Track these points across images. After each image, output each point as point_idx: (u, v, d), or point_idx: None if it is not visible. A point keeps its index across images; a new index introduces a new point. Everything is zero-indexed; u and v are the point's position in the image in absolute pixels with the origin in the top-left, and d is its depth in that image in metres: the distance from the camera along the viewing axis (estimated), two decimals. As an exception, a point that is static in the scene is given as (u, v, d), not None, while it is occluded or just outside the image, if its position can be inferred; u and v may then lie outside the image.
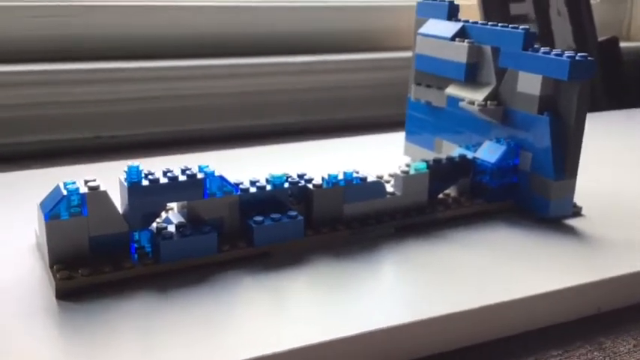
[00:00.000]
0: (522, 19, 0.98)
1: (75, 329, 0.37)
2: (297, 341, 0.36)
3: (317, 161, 0.65)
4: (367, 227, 0.49)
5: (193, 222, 0.44)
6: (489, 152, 0.55)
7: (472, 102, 0.56)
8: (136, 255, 0.43)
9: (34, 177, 0.61)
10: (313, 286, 0.43)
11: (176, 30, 0.85)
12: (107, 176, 0.44)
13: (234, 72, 0.85)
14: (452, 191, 0.55)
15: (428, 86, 0.63)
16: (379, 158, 0.67)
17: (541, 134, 0.52)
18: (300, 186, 0.48)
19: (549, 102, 0.52)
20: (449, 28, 0.60)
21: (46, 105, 0.76)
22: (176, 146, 0.78)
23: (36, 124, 0.76)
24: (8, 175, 0.62)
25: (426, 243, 0.49)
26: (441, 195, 0.55)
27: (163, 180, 0.43)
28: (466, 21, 0.59)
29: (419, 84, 0.64)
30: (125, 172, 0.42)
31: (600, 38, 1.07)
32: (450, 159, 0.55)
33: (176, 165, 0.45)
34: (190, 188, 0.44)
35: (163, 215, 0.46)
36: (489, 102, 0.55)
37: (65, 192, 0.41)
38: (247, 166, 0.60)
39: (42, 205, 0.42)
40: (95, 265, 0.41)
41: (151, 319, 0.38)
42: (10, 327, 0.37)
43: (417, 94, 0.65)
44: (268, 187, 0.47)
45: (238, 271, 0.44)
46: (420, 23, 0.64)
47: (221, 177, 0.45)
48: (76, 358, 0.35)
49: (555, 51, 0.51)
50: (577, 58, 0.50)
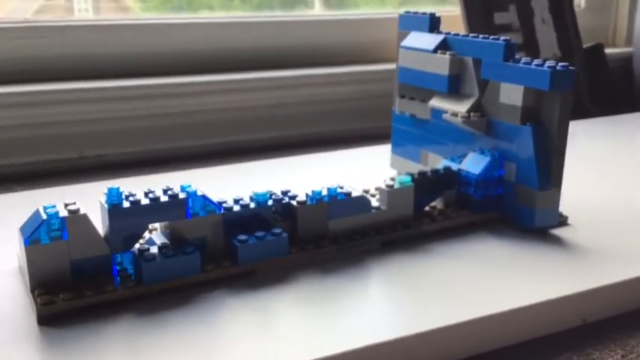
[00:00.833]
0: (507, 29, 0.99)
1: (57, 355, 0.37)
2: (282, 361, 0.36)
3: (302, 177, 0.64)
4: (353, 242, 0.49)
5: (176, 242, 0.44)
6: (474, 164, 0.55)
7: (455, 114, 0.56)
8: (119, 278, 0.42)
9: (17, 199, 0.60)
10: (299, 304, 0.42)
11: (159, 48, 0.85)
12: (91, 197, 0.44)
13: (217, 88, 0.85)
14: (438, 204, 0.55)
15: (412, 99, 0.63)
16: (366, 171, 0.67)
17: (524, 145, 0.52)
18: (284, 203, 0.48)
19: (532, 112, 0.52)
20: (431, 41, 0.60)
21: (30, 126, 0.76)
22: (161, 164, 0.78)
23: (19, 146, 0.75)
24: (-9, 198, 0.61)
25: (413, 257, 0.49)
26: (427, 208, 0.54)
27: (145, 201, 0.43)
28: (448, 33, 0.59)
29: (403, 96, 0.64)
30: (105, 195, 0.42)
31: (585, 45, 1.07)
32: (435, 171, 0.55)
33: (159, 184, 0.45)
34: (172, 208, 0.43)
35: (146, 236, 0.46)
36: (472, 113, 0.55)
37: (45, 216, 0.40)
38: (231, 184, 0.59)
39: (22, 230, 0.41)
40: (77, 289, 0.41)
41: (135, 343, 0.38)
42: (-9, 355, 0.37)
43: (402, 107, 0.65)
44: (252, 205, 0.47)
45: (223, 291, 0.43)
46: (403, 36, 0.64)
47: (204, 196, 0.44)
48: (58, 385, 0.34)
49: (536, 61, 0.51)
50: (558, 68, 0.50)
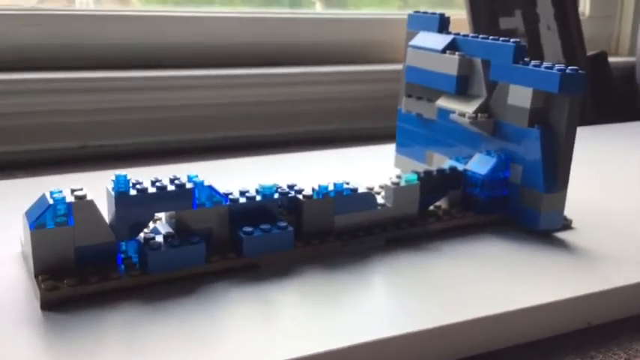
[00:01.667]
0: (512, 34, 0.99)
1: (60, 340, 0.36)
2: (286, 354, 0.36)
3: (307, 172, 0.64)
4: (357, 239, 0.49)
5: (182, 232, 0.44)
6: (480, 164, 0.55)
7: (463, 114, 0.56)
8: (123, 266, 0.42)
9: (19, 186, 0.60)
10: (303, 298, 0.42)
11: (165, 40, 0.85)
12: (95, 186, 0.44)
13: (224, 82, 0.85)
14: (442, 203, 0.55)
15: (418, 98, 0.63)
16: (369, 170, 0.66)
17: (531, 147, 0.52)
18: (290, 197, 0.48)
19: (540, 115, 0.52)
20: (440, 41, 0.60)
21: (33, 114, 0.75)
22: (165, 156, 0.77)
23: (22, 134, 0.75)
24: (-7, 184, 0.61)
25: (417, 255, 0.49)
26: (432, 207, 0.54)
27: (151, 190, 0.42)
28: (457, 34, 0.59)
29: (409, 96, 0.64)
30: (112, 182, 0.42)
31: (589, 53, 1.07)
32: (441, 171, 0.55)
33: (165, 175, 0.44)
34: (179, 198, 0.43)
35: (151, 225, 0.46)
36: (480, 114, 0.55)
37: (51, 201, 0.40)
38: (237, 177, 0.59)
39: (27, 214, 0.41)
40: (81, 276, 0.40)
41: (138, 331, 0.38)
42: (-7, 338, 0.36)
43: (408, 106, 0.64)
44: (258, 198, 0.47)
45: (227, 283, 0.43)
46: (411, 36, 0.64)
47: (210, 187, 0.44)
48: (61, 371, 0.34)
49: (546, 64, 0.51)
50: (567, 72, 0.50)
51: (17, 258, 0.45)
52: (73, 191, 0.41)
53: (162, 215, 0.46)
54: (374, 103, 0.94)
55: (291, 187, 0.49)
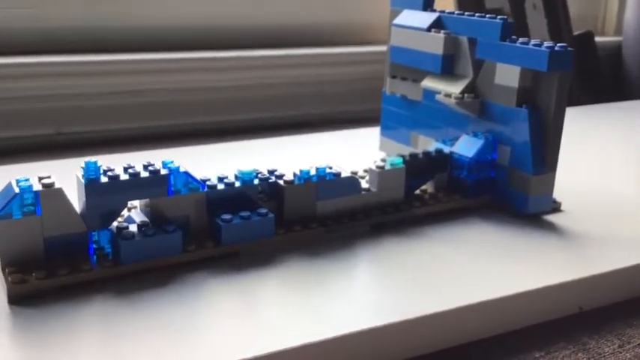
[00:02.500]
0: (497, 13, 0.97)
1: (29, 336, 0.35)
2: (268, 347, 0.34)
3: (288, 157, 0.62)
4: (341, 225, 0.47)
5: (157, 221, 0.42)
6: (467, 146, 0.53)
7: (449, 95, 0.54)
8: (95, 257, 0.40)
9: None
10: (285, 288, 0.41)
11: (143, 22, 0.82)
12: (67, 174, 0.42)
13: (201, 66, 0.83)
14: (429, 187, 0.54)
15: (403, 79, 0.61)
16: (353, 154, 0.65)
17: (520, 127, 0.50)
18: (270, 182, 0.46)
19: (528, 94, 0.51)
20: (424, 19, 0.58)
21: (6, 100, 0.73)
22: (142, 142, 0.75)
23: (-5, 120, 0.72)
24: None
25: (403, 241, 0.47)
26: (418, 191, 0.53)
27: (124, 176, 0.40)
28: (442, 11, 0.58)
29: (394, 77, 0.62)
30: (82, 169, 0.40)
31: (575, 32, 1.06)
32: (427, 154, 0.53)
33: (139, 161, 0.42)
34: (153, 185, 0.41)
35: (125, 214, 0.44)
36: (466, 95, 0.54)
37: (17, 190, 0.38)
38: (215, 163, 0.57)
39: (-7, 204, 0.39)
40: (51, 268, 0.38)
41: (112, 325, 0.36)
42: (-44, 336, 0.34)
43: (392, 88, 0.63)
44: (237, 184, 0.45)
45: (205, 273, 0.41)
46: (395, 14, 0.62)
47: (186, 173, 0.42)
48: (28, 369, 0.32)
49: (534, 41, 0.50)
50: (556, 49, 0.48)
51: (-15, 250, 0.43)
52: (41, 179, 0.39)
53: (136, 203, 0.44)
54: (357, 86, 0.92)
55: (271, 173, 0.47)
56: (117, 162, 0.43)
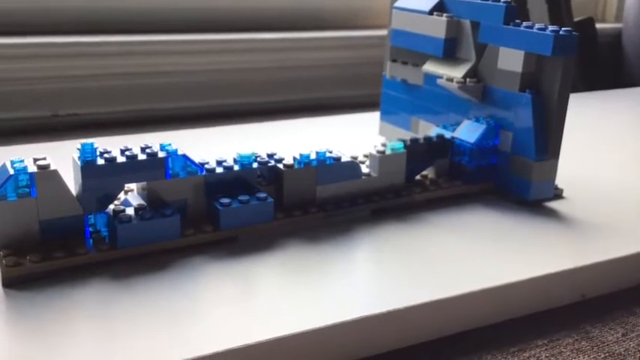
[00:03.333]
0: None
1: (24, 319, 0.34)
2: (267, 333, 0.34)
3: (288, 141, 0.62)
4: (341, 210, 0.47)
5: (154, 204, 0.41)
6: (468, 132, 0.52)
7: (450, 79, 0.54)
8: (91, 240, 0.40)
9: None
10: (284, 273, 0.40)
11: (140, 4, 0.81)
12: (64, 156, 0.41)
13: (201, 48, 0.82)
14: (429, 172, 0.53)
15: (404, 63, 0.61)
16: (353, 138, 0.64)
17: (523, 113, 0.50)
18: (270, 166, 0.46)
19: (531, 79, 0.50)
20: (426, 2, 0.57)
21: (1, 81, 0.72)
22: (140, 125, 0.74)
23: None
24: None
25: (403, 226, 0.47)
26: (418, 176, 0.52)
27: (121, 159, 0.40)
28: (445, -6, 0.57)
29: (394, 61, 0.62)
30: (78, 150, 0.39)
31: (576, 19, 1.05)
32: (428, 139, 0.52)
33: (137, 144, 0.42)
34: (151, 168, 0.40)
35: (122, 197, 0.43)
36: (469, 79, 0.53)
37: (12, 171, 0.37)
38: (214, 146, 0.56)
39: (-13, 186, 0.38)
40: (46, 251, 0.38)
41: (108, 310, 0.35)
42: (-50, 319, 0.34)
43: (393, 72, 0.62)
44: (236, 167, 0.44)
45: (203, 257, 0.41)
46: (396, -3, 0.61)
47: (184, 156, 0.42)
48: (25, 351, 0.32)
49: (538, 25, 0.49)
50: (561, 33, 0.47)
51: (-21, 233, 0.42)
52: (36, 160, 0.38)
53: (133, 186, 0.44)
54: (357, 70, 0.91)
55: (270, 156, 0.46)
56: (114, 144, 0.42)
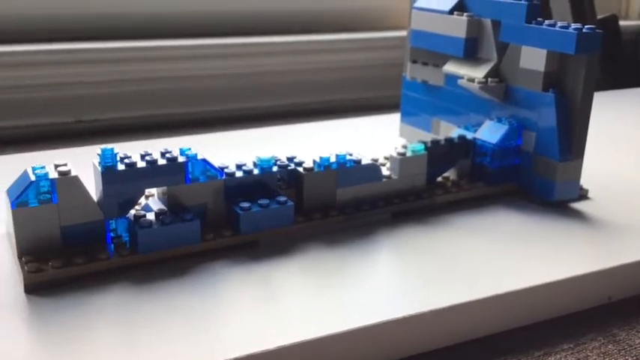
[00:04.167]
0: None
1: (45, 325, 0.34)
2: (289, 338, 0.33)
3: (308, 144, 0.62)
4: (362, 213, 0.46)
5: (174, 209, 0.41)
6: (490, 132, 0.52)
7: (472, 79, 0.53)
8: (113, 245, 0.40)
9: (8, 162, 0.57)
10: (305, 277, 0.40)
11: (161, 9, 0.82)
12: (86, 162, 0.41)
13: (222, 52, 0.82)
14: (451, 174, 0.52)
15: (424, 64, 0.60)
16: (374, 140, 0.64)
17: (546, 113, 0.49)
18: (289, 169, 0.45)
19: (554, 78, 0.49)
20: (446, 1, 0.56)
21: (25, 88, 0.72)
22: (161, 130, 0.75)
23: (13, 108, 0.72)
24: (-20, 161, 0.58)
25: (425, 229, 0.46)
26: (440, 178, 0.52)
27: (141, 164, 0.40)
28: (465, -7, 0.56)
29: (415, 62, 0.61)
30: (99, 156, 0.39)
31: (599, 16, 1.03)
32: (449, 140, 0.52)
33: (157, 149, 0.42)
34: (171, 173, 0.40)
35: (143, 202, 0.43)
36: (490, 79, 0.52)
37: (34, 177, 0.37)
38: (233, 150, 0.56)
39: (9, 192, 0.39)
40: (67, 257, 0.38)
41: (129, 315, 0.35)
42: (-27, 325, 0.34)
43: (413, 73, 0.61)
44: (256, 171, 0.44)
45: (224, 262, 0.41)
46: (416, -3, 0.60)
47: (204, 160, 0.42)
48: (47, 356, 0.32)
49: (561, 23, 0.48)
50: (584, 31, 0.47)
51: (2, 239, 0.43)
52: (57, 167, 0.38)
53: (154, 191, 0.44)
54: (377, 72, 0.91)
55: (290, 160, 0.46)
56: (134, 149, 0.42)
